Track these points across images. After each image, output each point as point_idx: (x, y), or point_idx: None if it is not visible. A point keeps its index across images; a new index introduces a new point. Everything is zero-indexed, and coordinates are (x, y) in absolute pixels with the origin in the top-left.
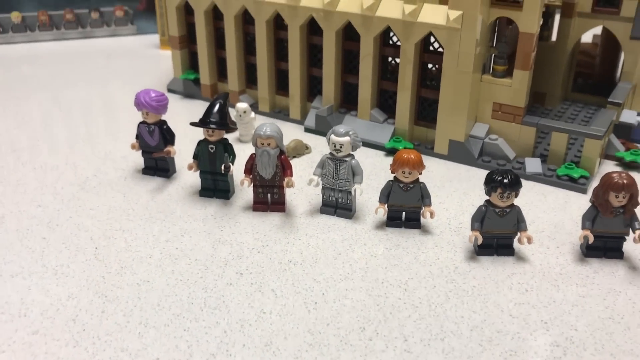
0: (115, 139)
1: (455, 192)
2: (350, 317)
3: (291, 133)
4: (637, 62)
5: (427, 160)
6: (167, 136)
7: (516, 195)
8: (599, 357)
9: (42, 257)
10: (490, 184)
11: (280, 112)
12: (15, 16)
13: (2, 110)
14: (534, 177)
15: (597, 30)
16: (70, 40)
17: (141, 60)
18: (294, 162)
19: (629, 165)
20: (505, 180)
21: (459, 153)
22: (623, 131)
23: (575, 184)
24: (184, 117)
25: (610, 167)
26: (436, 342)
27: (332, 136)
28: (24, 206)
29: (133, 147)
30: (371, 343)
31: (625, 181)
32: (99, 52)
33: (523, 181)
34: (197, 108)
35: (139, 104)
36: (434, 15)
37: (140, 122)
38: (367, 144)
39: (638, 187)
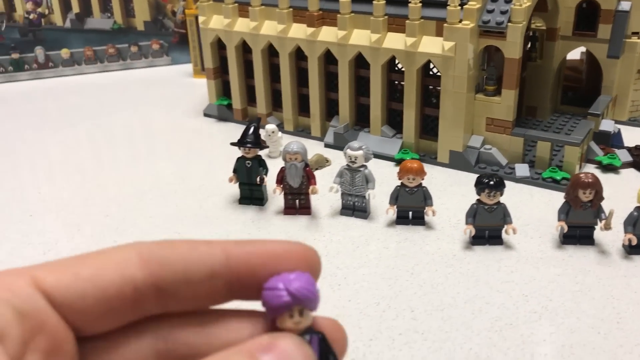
0: (161, 159)
1: (454, 194)
2: (367, 295)
3: (313, 148)
4: (614, 77)
5: (431, 168)
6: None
7: (501, 194)
8: (567, 320)
9: None
10: (479, 185)
11: (302, 131)
12: (64, 52)
13: (56, 135)
14: (522, 180)
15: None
16: (113, 72)
17: (176, 88)
18: (316, 173)
19: (606, 168)
20: (491, 182)
21: (458, 161)
22: (603, 138)
23: (557, 184)
24: (219, 138)
25: (590, 169)
26: (437, 312)
27: (348, 150)
28: (95, 216)
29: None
30: (384, 314)
31: (590, 180)
32: (138, 81)
33: (513, 184)
34: (230, 129)
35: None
36: (431, 46)
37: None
38: (379, 156)
39: (602, 185)
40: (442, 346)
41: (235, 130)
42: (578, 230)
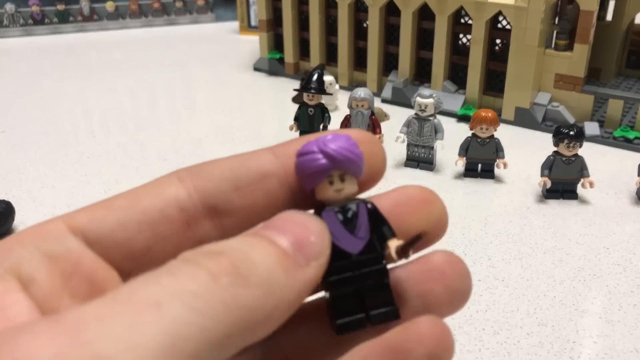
0: (214, 110)
1: (522, 150)
2: (441, 241)
3: None
4: None
5: None
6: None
7: (580, 146)
8: None
9: None
10: (559, 135)
11: (357, 86)
12: (109, 5)
13: (104, 87)
14: (592, 139)
15: None
16: (157, 27)
17: (222, 44)
18: None
19: None
20: (572, 132)
21: (524, 118)
22: None
23: (630, 144)
24: (271, 91)
25: None
26: (515, 261)
27: (418, 98)
28: (152, 160)
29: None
30: None
31: None
32: (183, 37)
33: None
34: (282, 83)
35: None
36: None
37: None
38: (440, 112)
39: None
40: (525, 293)
41: (287, 84)
42: None
